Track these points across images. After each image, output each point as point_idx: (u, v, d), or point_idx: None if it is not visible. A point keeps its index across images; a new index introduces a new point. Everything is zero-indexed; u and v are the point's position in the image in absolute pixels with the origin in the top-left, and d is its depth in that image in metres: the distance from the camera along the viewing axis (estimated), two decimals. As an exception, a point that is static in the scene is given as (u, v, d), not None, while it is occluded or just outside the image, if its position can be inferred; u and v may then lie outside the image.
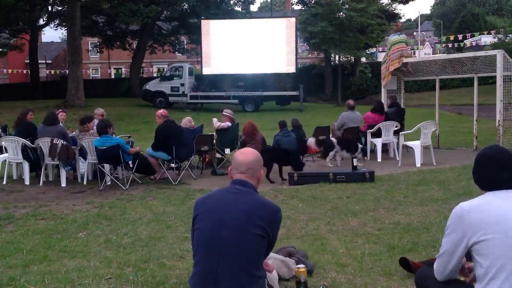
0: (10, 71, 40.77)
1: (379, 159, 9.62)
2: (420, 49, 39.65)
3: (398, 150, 9.58)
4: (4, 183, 8.24)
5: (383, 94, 11.91)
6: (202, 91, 25.95)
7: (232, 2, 35.54)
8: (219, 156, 9.70)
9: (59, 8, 33.00)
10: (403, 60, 11.25)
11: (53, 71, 46.34)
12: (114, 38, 35.79)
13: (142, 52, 34.58)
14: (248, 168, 2.68)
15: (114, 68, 51.74)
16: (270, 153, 7.74)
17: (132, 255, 4.29)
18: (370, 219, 5.24)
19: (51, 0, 32.50)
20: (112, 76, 50.20)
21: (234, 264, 2.48)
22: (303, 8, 33.78)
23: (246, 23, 26.56)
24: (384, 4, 34.59)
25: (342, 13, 29.09)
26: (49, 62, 51.47)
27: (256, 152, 2.82)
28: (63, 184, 7.97)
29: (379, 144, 9.72)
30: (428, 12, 76.90)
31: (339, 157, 9.35)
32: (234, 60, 24.70)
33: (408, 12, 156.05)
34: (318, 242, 4.48)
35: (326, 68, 34.07)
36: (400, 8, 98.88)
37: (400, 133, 9.63)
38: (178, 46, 38.54)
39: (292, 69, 25.49)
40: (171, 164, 8.40)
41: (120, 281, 3.66)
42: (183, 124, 9.58)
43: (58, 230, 5.22)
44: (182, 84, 26.19)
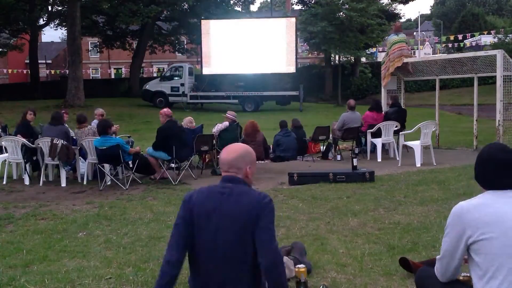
0: (10, 71, 40.78)
1: (379, 159, 9.63)
2: (420, 49, 39.62)
3: (398, 150, 9.58)
4: (4, 183, 8.24)
5: (383, 94, 11.92)
6: (202, 91, 25.95)
7: (232, 2, 35.55)
8: (219, 156, 9.70)
9: (59, 8, 33.02)
10: (403, 60, 11.24)
11: (53, 71, 46.36)
12: (114, 38, 35.81)
13: (142, 52, 34.58)
14: (231, 166, 2.55)
15: (114, 68, 51.74)
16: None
17: (132, 255, 4.29)
18: (370, 219, 5.24)
19: (51, 0, 32.51)
20: (112, 76, 50.19)
21: (235, 270, 2.44)
22: (303, 8, 33.77)
23: (246, 23, 26.55)
24: (384, 4, 34.60)
25: (342, 13, 29.09)
26: (49, 62, 51.48)
27: (242, 148, 2.63)
28: (63, 184, 7.97)
29: (379, 144, 9.72)
30: (428, 12, 76.97)
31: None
32: (234, 60, 24.70)
33: (408, 12, 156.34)
34: (318, 242, 4.48)
35: (326, 68, 34.06)
36: (400, 8, 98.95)
37: (400, 133, 9.63)
38: (178, 46, 38.54)
39: (292, 69, 25.49)
40: (171, 164, 8.40)
41: (120, 281, 3.66)
42: (184, 124, 9.58)
43: (58, 230, 5.22)
44: (182, 84, 26.20)
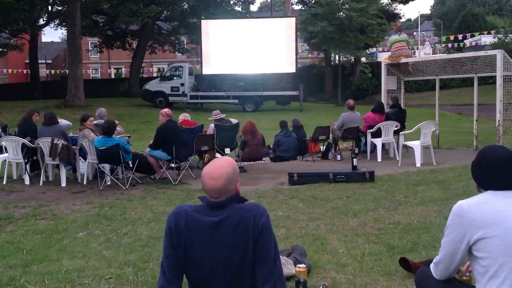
0: (10, 71, 40.77)
1: (379, 159, 9.62)
2: (420, 49, 39.58)
3: (398, 150, 9.58)
4: (4, 183, 8.24)
5: (383, 94, 11.91)
6: (202, 91, 25.95)
7: (232, 2, 35.55)
8: (219, 156, 9.70)
9: (59, 8, 33.01)
10: (402, 60, 11.25)
11: (53, 71, 46.33)
12: (114, 38, 35.83)
13: (142, 52, 34.58)
14: (222, 193, 2.37)
15: (114, 68, 51.74)
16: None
17: (132, 255, 4.29)
18: (370, 219, 5.23)
19: (51, 0, 32.50)
20: (112, 76, 50.19)
21: None
22: (303, 8, 33.78)
23: (246, 23, 26.56)
24: (384, 4, 34.59)
25: (342, 13, 29.09)
26: (49, 62, 51.49)
27: (227, 169, 2.42)
28: (63, 184, 7.97)
29: (379, 144, 9.72)
30: (428, 12, 76.94)
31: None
32: (234, 60, 24.69)
33: (408, 12, 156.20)
34: (318, 242, 4.48)
35: (326, 68, 34.06)
36: (400, 8, 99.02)
37: (400, 133, 9.63)
38: (178, 46, 38.55)
39: (292, 69, 25.49)
40: (171, 164, 8.40)
41: (120, 281, 3.66)
42: (180, 120, 9.64)
43: (58, 230, 5.22)
44: (182, 84, 26.21)
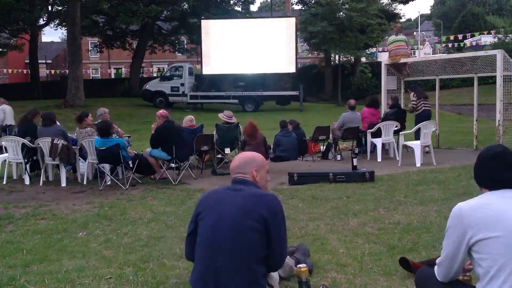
0: (10, 71, 40.74)
1: (379, 159, 9.62)
2: (420, 49, 39.59)
3: (398, 150, 9.58)
4: (4, 183, 8.24)
5: (383, 94, 11.92)
6: (202, 91, 25.95)
7: (232, 2, 35.55)
8: (219, 156, 9.70)
9: (59, 8, 33.00)
10: (400, 60, 11.26)
11: (53, 71, 46.32)
12: (114, 38, 35.80)
13: (142, 52, 34.57)
14: (238, 172, 2.75)
15: (114, 68, 51.72)
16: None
17: (132, 255, 4.29)
18: (370, 219, 5.23)
19: (51, 0, 32.50)
20: (112, 76, 50.19)
21: (234, 260, 2.50)
22: (303, 8, 33.77)
23: (246, 23, 26.57)
24: (384, 4, 34.58)
25: (342, 13, 29.09)
26: (49, 62, 51.46)
27: (250, 154, 2.84)
28: (63, 184, 7.97)
29: (379, 144, 9.73)
30: (428, 12, 76.96)
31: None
32: (234, 60, 24.70)
33: (408, 12, 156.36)
34: (318, 242, 4.48)
35: (326, 68, 34.06)
36: (400, 8, 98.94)
37: (400, 133, 9.63)
38: (178, 46, 38.54)
39: (292, 69, 25.50)
40: (171, 164, 8.40)
41: (120, 281, 3.66)
42: (184, 123, 9.59)
43: (58, 230, 5.22)
44: (182, 84, 26.21)
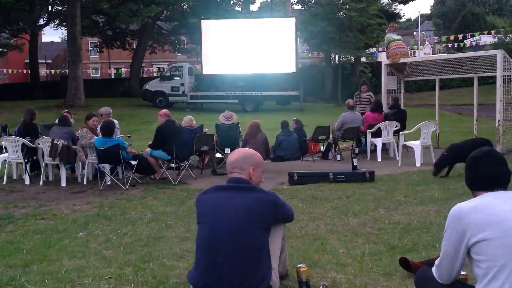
0: (10, 71, 40.77)
1: (379, 159, 9.62)
2: (420, 49, 39.58)
3: (398, 150, 9.58)
4: (4, 183, 8.25)
5: (383, 94, 11.91)
6: (202, 91, 25.94)
7: (232, 2, 35.54)
8: (219, 156, 9.71)
9: (59, 8, 33.00)
10: (399, 60, 11.24)
11: (53, 71, 46.32)
12: (114, 38, 35.80)
13: (142, 52, 34.56)
14: (234, 167, 2.72)
15: (114, 68, 51.71)
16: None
17: (132, 255, 4.29)
18: (370, 219, 5.23)
19: (51, 0, 32.50)
20: (112, 76, 50.19)
21: (235, 258, 2.50)
22: (303, 8, 33.77)
23: (246, 23, 26.52)
24: (384, 4, 34.60)
25: (342, 13, 29.09)
26: (49, 62, 51.47)
27: (246, 151, 2.82)
28: (63, 184, 7.98)
29: (379, 144, 9.73)
30: (428, 12, 76.89)
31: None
32: (234, 60, 24.67)
33: (408, 12, 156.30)
34: (318, 242, 4.48)
35: (326, 68, 34.06)
36: (400, 8, 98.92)
37: (400, 133, 9.63)
38: (178, 46, 38.53)
39: (292, 69, 25.46)
40: (171, 164, 8.40)
41: (120, 281, 3.66)
42: (184, 123, 9.58)
43: (58, 230, 5.22)
44: (182, 84, 26.19)
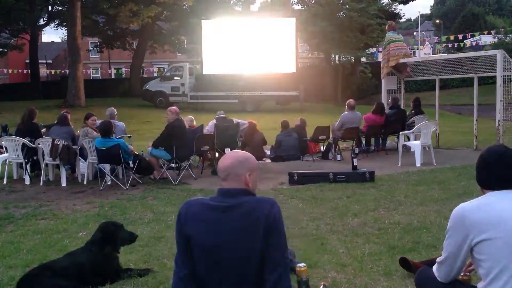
0: (11, 71, 40.75)
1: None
2: (420, 49, 39.61)
3: (398, 150, 9.57)
4: (4, 183, 8.25)
5: (383, 94, 11.91)
6: (202, 91, 25.94)
7: (232, 2, 35.58)
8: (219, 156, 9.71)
9: (59, 8, 33.03)
10: (401, 60, 11.22)
11: (53, 71, 46.30)
12: (114, 38, 35.82)
13: (142, 52, 34.57)
14: (228, 174, 2.36)
15: (114, 68, 51.70)
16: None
17: (132, 255, 4.30)
18: (370, 219, 5.24)
19: (51, 0, 32.51)
20: (112, 76, 50.19)
21: (237, 283, 2.34)
22: (303, 8, 33.78)
23: (246, 23, 26.53)
24: (384, 4, 34.60)
25: (342, 13, 29.09)
26: (49, 62, 51.45)
27: (241, 154, 2.46)
28: (63, 184, 7.98)
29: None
30: (428, 12, 76.90)
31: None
32: (234, 60, 24.66)
33: (408, 12, 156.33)
34: (318, 242, 4.48)
35: (326, 68, 34.06)
36: (400, 8, 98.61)
37: (400, 133, 9.64)
38: (178, 46, 38.53)
39: (292, 69, 25.45)
40: (171, 164, 8.41)
41: (120, 281, 3.66)
42: (185, 123, 9.61)
43: (58, 230, 5.22)
44: (183, 84, 26.19)
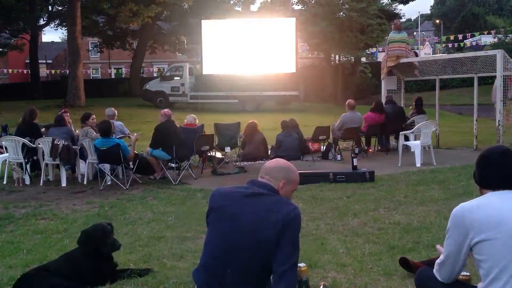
0: (11, 71, 40.76)
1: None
2: (420, 49, 39.58)
3: (398, 150, 9.56)
4: (4, 183, 8.25)
5: (383, 94, 11.92)
6: (202, 91, 25.95)
7: (232, 2, 35.56)
8: (219, 156, 9.71)
9: (59, 8, 33.02)
10: (396, 61, 11.27)
11: (53, 71, 46.31)
12: (114, 38, 35.78)
13: (142, 52, 34.56)
14: (267, 173, 2.61)
15: (114, 68, 51.69)
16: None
17: (132, 255, 4.30)
18: (370, 219, 5.24)
19: (51, 0, 32.51)
20: (112, 76, 50.18)
21: (243, 270, 2.42)
22: (303, 8, 33.79)
23: (246, 23, 26.51)
24: (384, 4, 34.61)
25: (342, 13, 29.09)
26: (49, 62, 51.44)
27: (285, 163, 2.68)
28: (63, 184, 7.98)
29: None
30: (428, 12, 76.85)
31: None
32: (234, 60, 24.67)
33: (408, 12, 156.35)
34: (318, 242, 4.48)
35: (326, 68, 34.06)
36: (400, 8, 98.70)
37: (400, 133, 9.63)
38: (178, 46, 38.53)
39: (292, 69, 25.45)
40: (171, 164, 8.40)
41: (120, 281, 3.67)
42: (188, 121, 9.63)
43: (58, 230, 5.22)
44: (183, 84, 26.20)
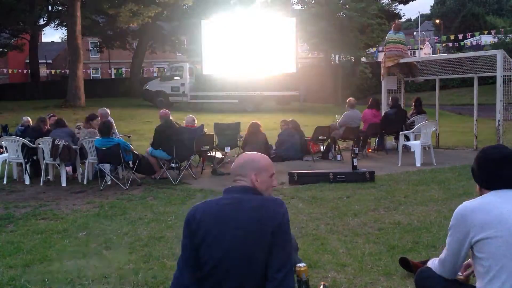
0: (11, 71, 40.77)
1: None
2: (420, 49, 39.61)
3: (398, 150, 9.56)
4: (4, 183, 8.26)
5: (383, 94, 11.91)
6: (202, 91, 25.96)
7: (232, 2, 35.55)
8: (220, 156, 9.71)
9: (59, 8, 33.02)
10: (393, 62, 11.28)
11: (53, 71, 46.31)
12: (114, 38, 35.81)
13: (142, 52, 34.57)
14: (236, 174, 2.48)
15: (114, 68, 51.70)
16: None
17: (132, 255, 4.30)
18: (370, 219, 5.24)
19: (51, 0, 32.52)
20: (112, 76, 50.19)
21: (239, 281, 2.31)
22: (303, 8, 33.79)
23: (246, 23, 26.54)
24: (384, 4, 34.61)
25: (342, 13, 29.09)
26: (49, 62, 51.43)
27: (246, 156, 2.55)
28: (63, 184, 7.98)
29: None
30: (428, 12, 76.85)
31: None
32: (234, 60, 24.67)
33: (408, 12, 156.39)
34: (318, 242, 4.48)
35: (326, 68, 34.06)
36: (400, 8, 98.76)
37: (400, 133, 9.63)
38: (178, 46, 38.53)
39: (292, 69, 25.46)
40: (171, 164, 8.40)
41: (120, 281, 3.67)
42: (186, 122, 9.61)
43: (58, 230, 5.22)
44: (183, 84, 26.20)
